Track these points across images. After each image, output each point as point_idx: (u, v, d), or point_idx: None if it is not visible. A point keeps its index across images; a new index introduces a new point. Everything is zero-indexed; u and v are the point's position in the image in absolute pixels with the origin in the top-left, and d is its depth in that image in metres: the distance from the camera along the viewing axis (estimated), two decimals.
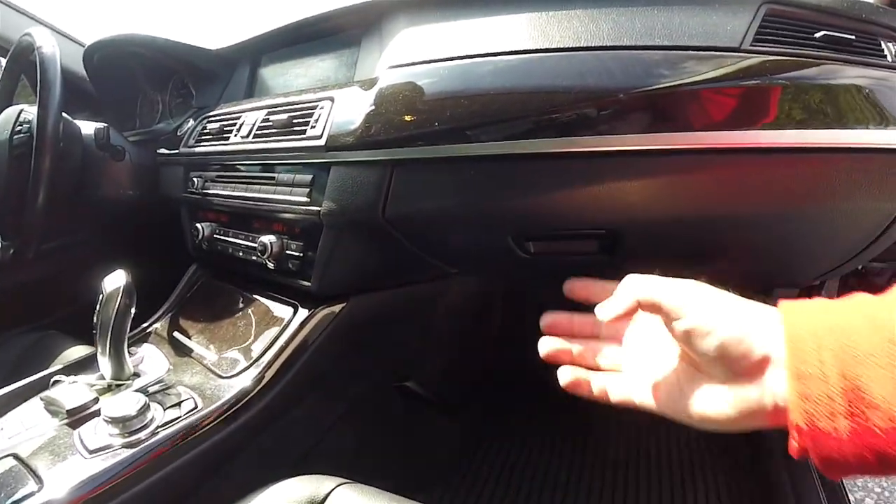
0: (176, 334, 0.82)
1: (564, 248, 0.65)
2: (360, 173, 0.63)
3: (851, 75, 0.52)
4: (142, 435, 0.60)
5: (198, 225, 0.87)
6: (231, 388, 0.67)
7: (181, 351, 0.78)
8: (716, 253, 0.62)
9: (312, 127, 0.69)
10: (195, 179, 0.89)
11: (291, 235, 0.73)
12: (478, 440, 1.09)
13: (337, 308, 0.73)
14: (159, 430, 0.61)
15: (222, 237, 0.84)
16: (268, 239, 0.73)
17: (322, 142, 0.66)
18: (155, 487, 0.58)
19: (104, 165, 1.04)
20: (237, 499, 0.57)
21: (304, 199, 0.68)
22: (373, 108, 0.62)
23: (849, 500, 0.88)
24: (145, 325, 0.88)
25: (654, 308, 0.36)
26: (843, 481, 0.91)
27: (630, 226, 0.59)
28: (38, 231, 0.93)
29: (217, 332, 0.79)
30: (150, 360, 0.77)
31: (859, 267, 0.92)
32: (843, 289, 0.97)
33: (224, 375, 0.69)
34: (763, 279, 0.80)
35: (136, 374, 0.73)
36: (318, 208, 0.66)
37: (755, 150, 0.51)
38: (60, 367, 0.78)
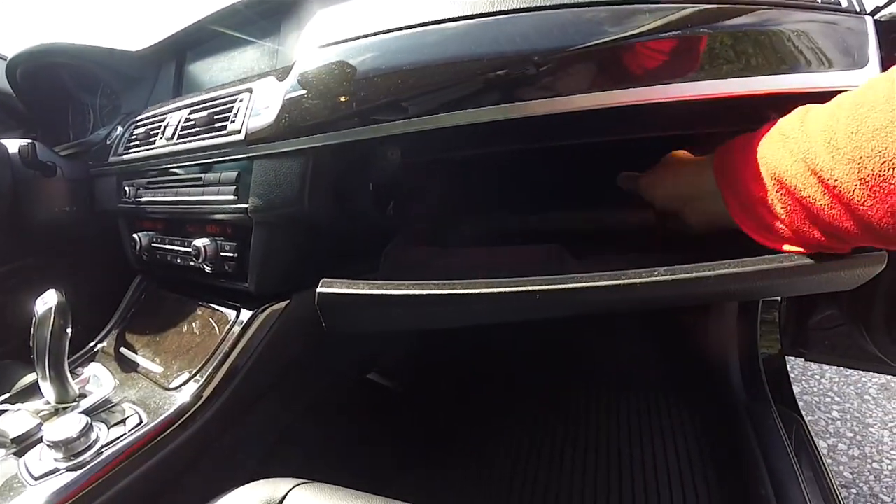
0: (123, 350, 0.80)
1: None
2: (282, 165, 0.61)
3: (784, 20, 0.50)
4: (86, 456, 0.58)
5: (135, 235, 0.84)
6: (176, 399, 0.65)
7: (127, 366, 0.76)
8: None
9: (232, 122, 0.66)
10: (127, 188, 0.86)
11: (225, 237, 0.71)
12: (445, 428, 1.08)
13: (280, 306, 0.71)
14: (104, 449, 0.59)
15: (160, 245, 0.81)
16: (201, 242, 0.70)
17: (242, 136, 0.63)
18: (112, 500, 0.57)
19: (35, 184, 0.99)
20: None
21: (232, 196, 0.66)
22: (288, 95, 0.60)
23: (819, 455, 0.88)
24: (92, 343, 0.85)
25: None
26: (810, 432, 0.93)
27: None
28: None
29: (163, 344, 0.77)
30: (97, 379, 0.75)
31: None
32: None
33: (169, 387, 0.67)
34: None
35: (83, 395, 0.71)
36: (246, 205, 0.64)
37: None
38: (7, 396, 0.76)
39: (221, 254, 0.70)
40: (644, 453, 0.98)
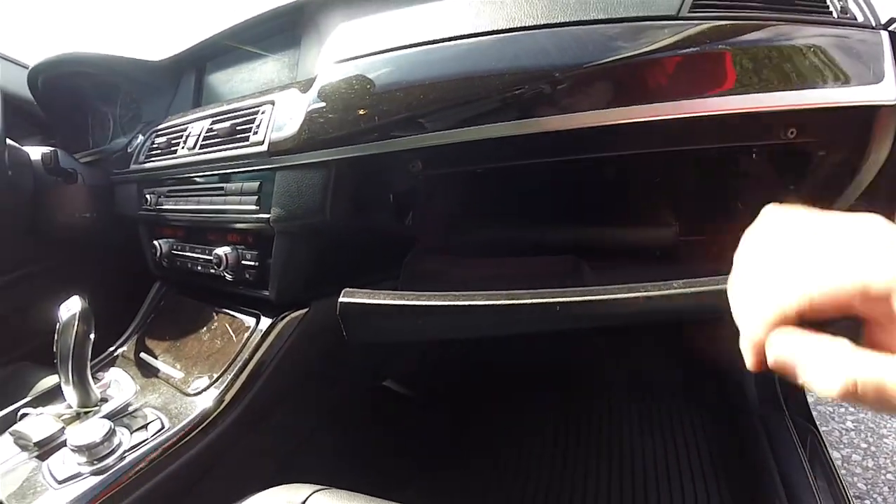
0: (143, 355, 0.81)
1: None
2: (304, 176, 0.62)
3: (798, 35, 0.51)
4: (109, 461, 0.59)
5: (156, 242, 0.86)
6: (198, 405, 0.66)
7: (148, 372, 0.77)
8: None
9: (255, 133, 0.67)
10: (148, 196, 0.88)
11: (246, 245, 0.73)
12: (463, 431, 1.09)
13: (299, 314, 0.72)
14: (126, 454, 0.60)
15: (181, 252, 0.83)
16: (223, 251, 0.72)
17: (265, 147, 0.65)
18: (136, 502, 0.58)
19: (57, 190, 1.01)
20: None
21: (254, 206, 0.67)
22: (311, 108, 0.61)
23: (833, 466, 0.88)
24: (112, 348, 0.87)
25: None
26: (824, 442, 0.92)
27: None
28: None
29: (183, 350, 0.78)
30: (118, 384, 0.76)
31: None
32: None
33: (191, 393, 0.69)
34: None
35: (104, 400, 0.72)
36: (268, 215, 0.66)
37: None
38: (29, 399, 0.77)
39: (242, 262, 0.72)
40: (655, 459, 0.98)
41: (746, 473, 0.91)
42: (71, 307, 0.67)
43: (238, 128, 0.70)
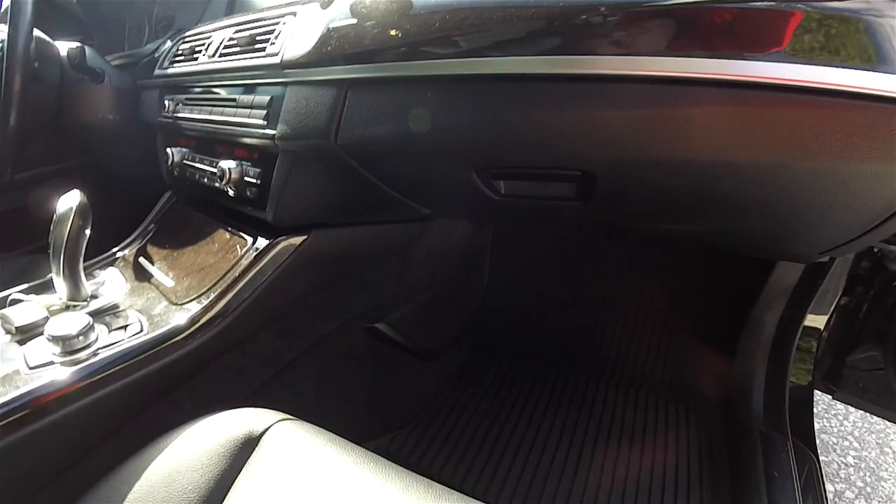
0: (141, 259, 0.80)
1: (538, 191, 0.60)
2: (315, 94, 0.58)
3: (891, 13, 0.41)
4: (82, 355, 0.59)
5: (169, 150, 0.84)
6: (180, 315, 0.65)
7: (142, 276, 0.76)
8: (703, 208, 0.56)
9: (272, 44, 0.64)
10: (167, 102, 0.86)
11: (251, 162, 0.70)
12: (450, 388, 1.07)
13: (297, 241, 0.70)
14: (100, 350, 0.59)
15: (191, 163, 0.81)
16: (227, 164, 0.69)
17: (278, 59, 0.61)
18: (95, 406, 0.57)
19: (83, 88, 1.00)
20: (179, 426, 0.56)
21: (261, 121, 0.64)
22: (331, 23, 0.57)
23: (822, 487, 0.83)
24: (116, 249, 0.86)
25: None
26: (822, 474, 0.86)
27: (607, 167, 0.52)
28: (9, 155, 0.91)
29: (179, 260, 0.77)
30: (111, 283, 0.76)
31: (875, 249, 0.83)
32: (856, 271, 0.88)
33: (176, 302, 0.67)
34: (761, 249, 0.73)
35: (94, 297, 0.72)
36: (274, 132, 0.62)
37: (758, 86, 0.42)
38: (24, 287, 0.78)
39: (245, 179, 0.69)
40: (641, 464, 0.95)
41: (733, 490, 0.86)
42: (69, 200, 0.66)
43: (257, 38, 0.67)
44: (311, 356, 0.80)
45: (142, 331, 0.63)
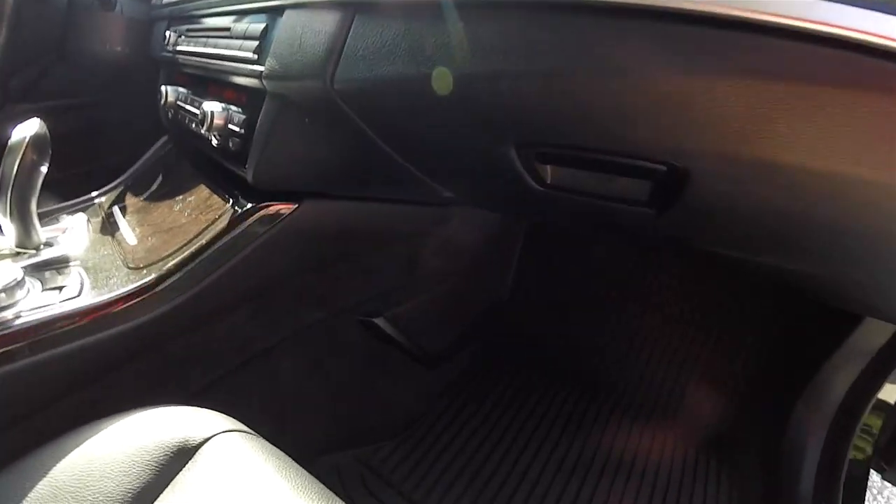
0: (115, 209, 0.70)
1: (596, 188, 0.43)
2: (313, 20, 0.45)
3: None
4: (8, 314, 0.48)
5: (163, 88, 0.73)
6: (130, 281, 0.53)
7: (108, 228, 0.66)
8: (812, 243, 0.39)
9: None
10: (169, 34, 0.74)
11: (240, 107, 0.57)
12: (449, 397, 0.93)
13: (284, 209, 0.57)
14: (24, 314, 0.48)
15: (182, 104, 0.69)
16: (210, 107, 0.57)
17: None
18: (13, 376, 0.47)
19: (92, 14, 0.91)
20: (109, 414, 0.45)
21: (251, 55, 0.51)
22: None
23: None
24: (94, 194, 0.76)
25: None
26: None
27: (713, 165, 0.34)
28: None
29: (151, 215, 0.66)
30: (74, 231, 0.65)
31: None
32: None
33: (131, 265, 0.56)
34: (860, 302, 0.56)
35: (49, 244, 0.62)
36: (262, 68, 0.49)
37: None
38: None
39: (229, 126, 0.57)
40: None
41: None
42: (25, 129, 0.55)
43: None
44: (292, 346, 0.68)
45: (77, 296, 0.51)
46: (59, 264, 0.57)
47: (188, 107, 0.67)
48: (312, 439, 0.73)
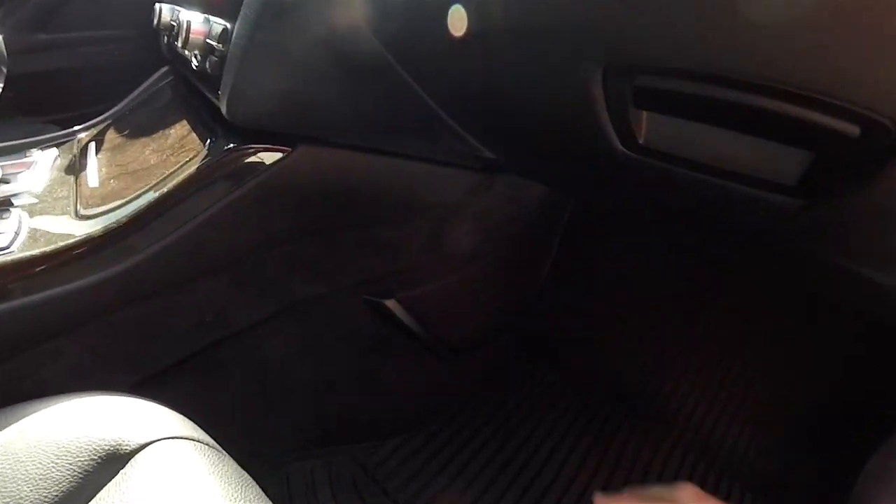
0: (91, 145, 0.60)
1: (716, 156, 0.27)
2: None
3: None
4: None
5: (157, 6, 0.60)
6: (75, 231, 0.42)
7: (75, 167, 0.55)
8: None
9: None
10: None
11: (221, 13, 0.44)
12: (467, 396, 0.80)
13: (272, 156, 0.45)
14: None
15: (174, 21, 0.57)
16: (188, 16, 0.45)
17: None
18: None
19: None
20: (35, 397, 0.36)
21: None
22: None
23: None
24: (79, 127, 0.66)
25: None
26: None
27: None
28: None
29: (128, 152, 0.56)
30: (40, 169, 0.55)
31: None
32: None
33: (82, 212, 0.45)
34: None
35: (5, 181, 0.52)
36: None
37: None
38: None
39: (207, 41, 0.44)
40: None
41: None
42: None
43: None
44: (280, 324, 0.56)
45: (7, 247, 0.41)
46: (4, 210, 0.46)
47: (173, 22, 0.54)
48: (298, 432, 0.62)
